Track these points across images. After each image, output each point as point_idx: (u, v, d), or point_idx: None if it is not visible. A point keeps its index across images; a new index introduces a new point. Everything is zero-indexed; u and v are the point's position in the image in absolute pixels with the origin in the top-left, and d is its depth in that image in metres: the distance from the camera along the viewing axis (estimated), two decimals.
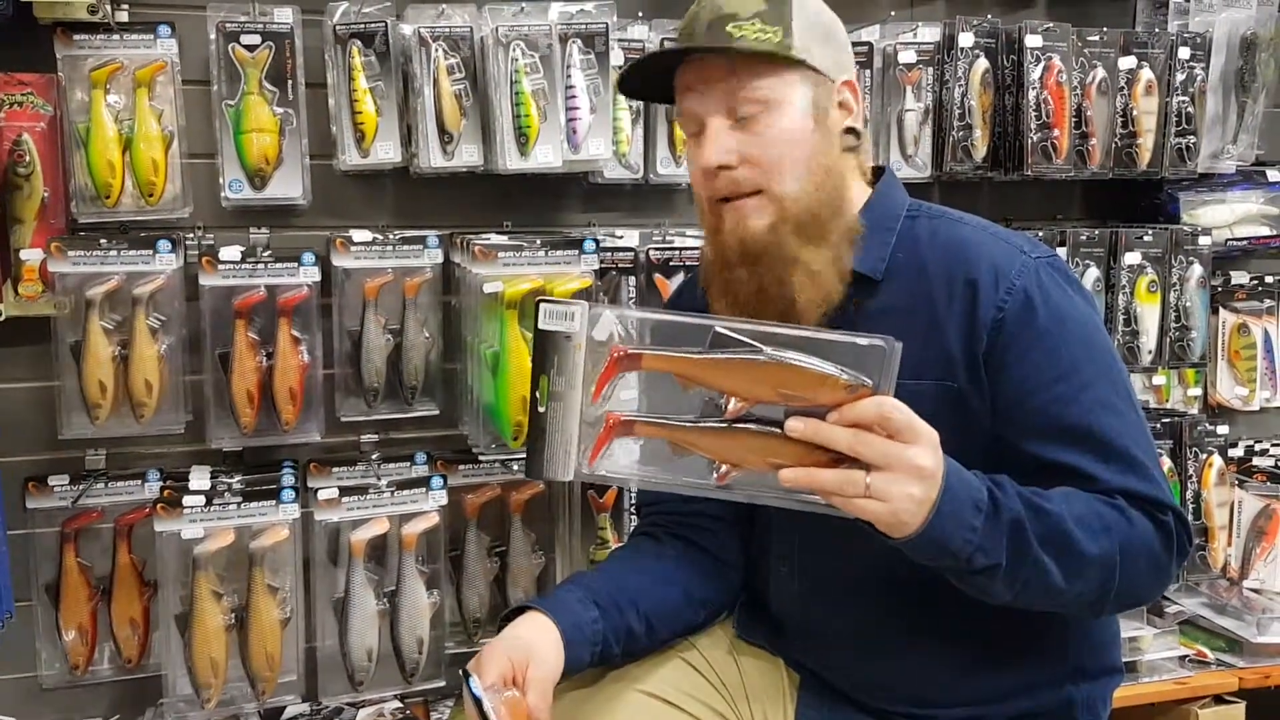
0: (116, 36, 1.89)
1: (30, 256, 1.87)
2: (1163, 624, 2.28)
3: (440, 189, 2.09)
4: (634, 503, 2.07)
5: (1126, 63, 2.38)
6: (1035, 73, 2.28)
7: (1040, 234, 2.34)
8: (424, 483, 1.96)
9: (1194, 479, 2.43)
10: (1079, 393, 1.30)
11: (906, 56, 2.27)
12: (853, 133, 1.39)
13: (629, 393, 1.21)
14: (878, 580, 1.35)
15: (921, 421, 1.12)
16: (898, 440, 1.11)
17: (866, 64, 2.21)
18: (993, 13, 2.38)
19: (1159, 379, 2.54)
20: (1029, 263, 1.34)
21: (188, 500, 1.83)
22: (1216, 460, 2.45)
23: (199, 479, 1.92)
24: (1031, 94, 2.28)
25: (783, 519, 1.42)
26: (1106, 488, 1.27)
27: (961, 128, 2.28)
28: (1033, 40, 2.28)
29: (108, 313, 1.88)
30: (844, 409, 1.10)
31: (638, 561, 1.50)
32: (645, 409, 1.20)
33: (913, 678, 1.40)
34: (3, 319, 1.88)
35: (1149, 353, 2.42)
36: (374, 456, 2.07)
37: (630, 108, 2.10)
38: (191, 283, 1.91)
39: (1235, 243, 2.55)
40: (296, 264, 1.92)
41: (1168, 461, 2.38)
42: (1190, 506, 2.43)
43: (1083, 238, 2.38)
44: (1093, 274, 2.37)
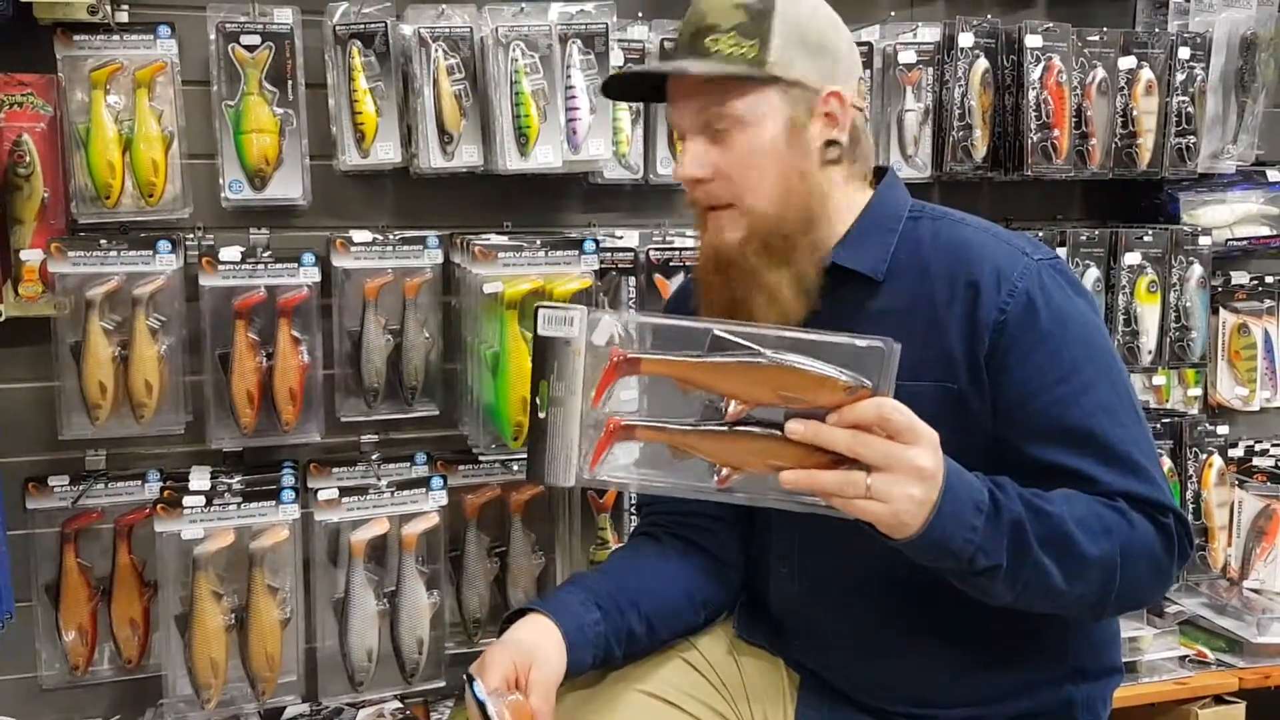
0: (116, 37, 1.89)
1: (30, 257, 1.87)
2: (1163, 624, 2.28)
3: (440, 189, 2.09)
4: (634, 503, 2.07)
5: (1126, 63, 2.38)
6: (1035, 73, 2.28)
7: (1040, 234, 2.34)
8: (424, 483, 1.96)
9: (1194, 479, 2.43)
10: (1080, 395, 1.29)
11: (906, 57, 2.27)
12: (835, 145, 1.36)
13: (629, 392, 1.21)
14: (878, 580, 1.35)
15: (921, 422, 1.12)
16: (898, 441, 1.11)
17: (867, 64, 2.21)
18: (993, 13, 2.38)
19: (1159, 379, 2.54)
20: (1031, 265, 1.34)
21: (188, 501, 1.83)
22: (1216, 460, 2.45)
23: (199, 479, 1.92)
24: (1031, 94, 2.28)
25: (782, 519, 1.42)
26: (1107, 490, 1.27)
27: (961, 128, 2.28)
28: (1033, 40, 2.28)
29: (108, 313, 1.88)
30: (843, 410, 1.10)
31: (638, 562, 1.50)
32: (645, 412, 1.20)
33: (913, 678, 1.40)
34: (3, 319, 1.88)
35: (1149, 353, 2.41)
36: (374, 457, 2.07)
37: (630, 108, 2.10)
38: (191, 283, 1.91)
39: (1235, 243, 2.55)
40: (296, 264, 1.92)
41: (1168, 462, 2.38)
42: (1190, 507, 2.43)
43: (1083, 238, 2.38)
44: (1093, 274, 2.37)
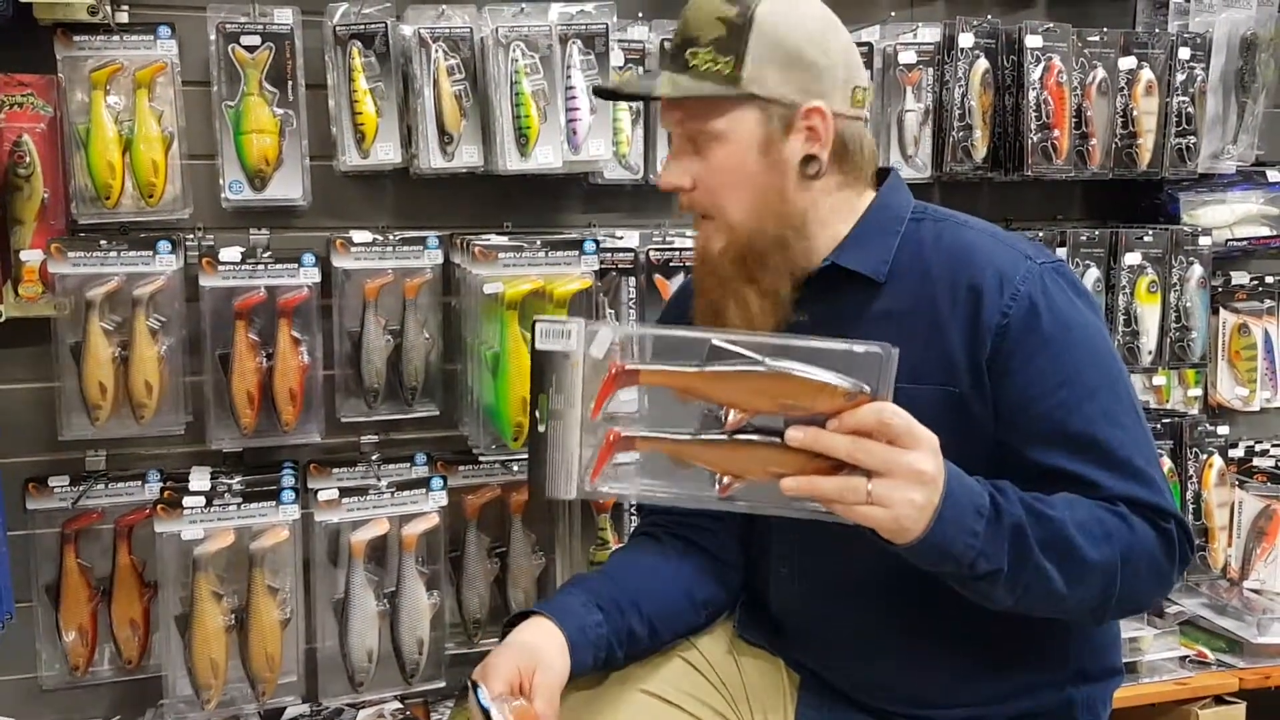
0: (116, 37, 1.89)
1: (30, 257, 1.87)
2: (1163, 624, 2.28)
3: (440, 190, 2.09)
4: (634, 503, 2.07)
5: (1126, 63, 2.38)
6: (1035, 73, 2.28)
7: (1040, 234, 2.35)
8: (424, 484, 1.96)
9: (1194, 479, 2.44)
10: (1082, 400, 1.29)
11: (907, 57, 2.27)
12: (814, 160, 1.34)
13: (628, 393, 1.21)
14: (878, 581, 1.35)
15: (921, 426, 1.12)
16: (898, 446, 1.11)
17: (867, 64, 2.20)
18: (993, 13, 2.38)
19: (1159, 379, 2.54)
20: (1034, 268, 1.33)
21: (188, 501, 1.83)
22: (1217, 461, 2.45)
23: (199, 480, 1.92)
24: (1031, 94, 2.28)
25: (783, 520, 1.42)
26: (1109, 495, 1.26)
27: (961, 128, 2.28)
28: (1033, 40, 2.28)
29: (108, 314, 1.88)
30: (843, 416, 1.10)
31: (639, 563, 1.50)
32: (644, 421, 1.20)
33: (912, 678, 1.40)
34: (3, 320, 1.88)
35: (1149, 353, 2.41)
36: (374, 457, 2.07)
37: (630, 109, 2.10)
38: (192, 284, 1.91)
39: (1235, 243, 2.55)
40: (296, 265, 1.92)
41: (1168, 462, 2.38)
42: (1190, 507, 2.43)
43: (1083, 238, 2.38)
44: (1093, 274, 2.37)
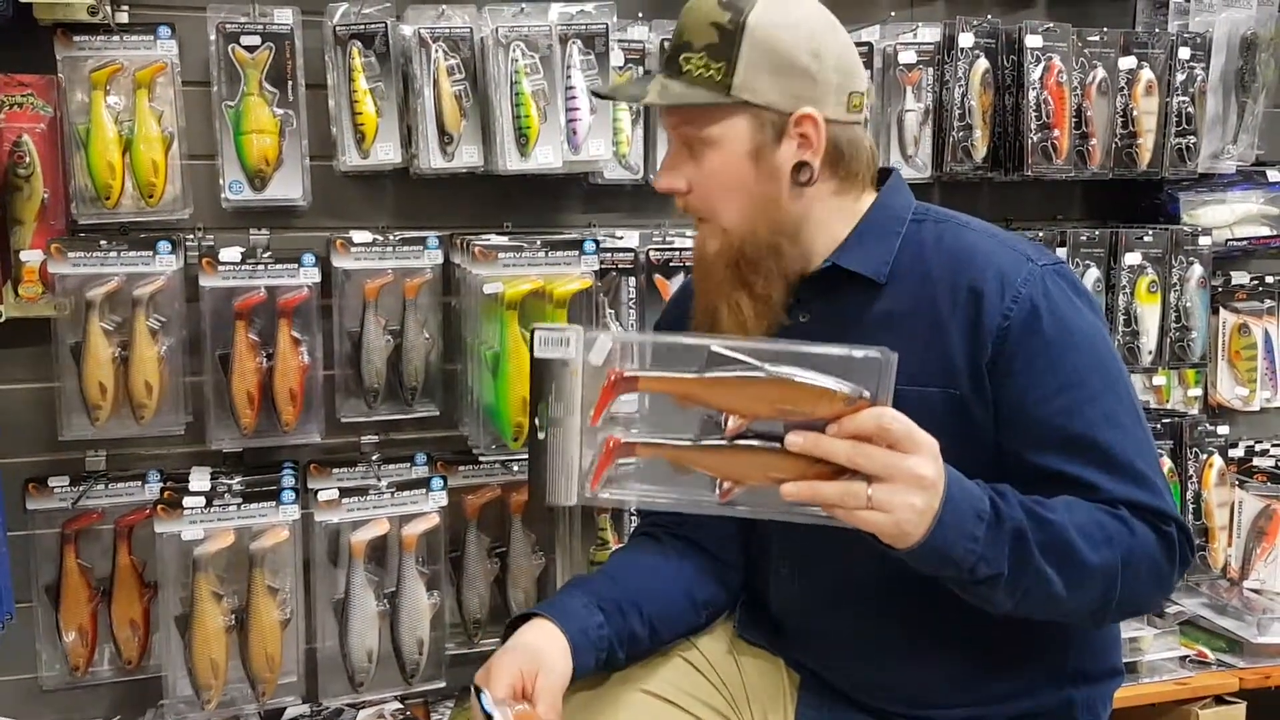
0: (116, 38, 1.89)
1: (30, 258, 1.87)
2: (1163, 624, 2.28)
3: (440, 190, 2.09)
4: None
5: (1126, 63, 2.37)
6: (1035, 73, 2.28)
7: (1040, 234, 2.35)
8: (424, 484, 1.96)
9: (1194, 479, 2.44)
10: (1083, 403, 1.29)
11: (906, 57, 2.27)
12: (806, 167, 1.34)
13: (629, 396, 1.21)
14: (878, 582, 1.35)
15: (921, 431, 1.12)
16: (898, 451, 1.11)
17: (867, 64, 2.20)
18: (993, 13, 2.38)
19: (1159, 379, 2.54)
20: (1035, 271, 1.33)
21: (188, 501, 1.83)
22: (1217, 460, 2.45)
23: (199, 480, 1.92)
24: (1032, 94, 2.28)
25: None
26: (1110, 498, 1.26)
27: (961, 128, 2.28)
28: (1033, 40, 2.28)
29: (108, 314, 1.88)
30: (843, 421, 1.10)
31: (640, 563, 1.50)
32: (644, 427, 1.21)
33: (913, 679, 1.40)
34: (3, 320, 1.88)
35: (1149, 353, 2.41)
36: (374, 457, 2.06)
37: (630, 109, 2.10)
38: (192, 284, 1.90)
39: (1235, 243, 2.55)
40: (296, 265, 1.92)
41: (1168, 462, 2.38)
42: (1190, 507, 2.43)
43: (1083, 238, 2.37)
44: (1093, 274, 2.37)
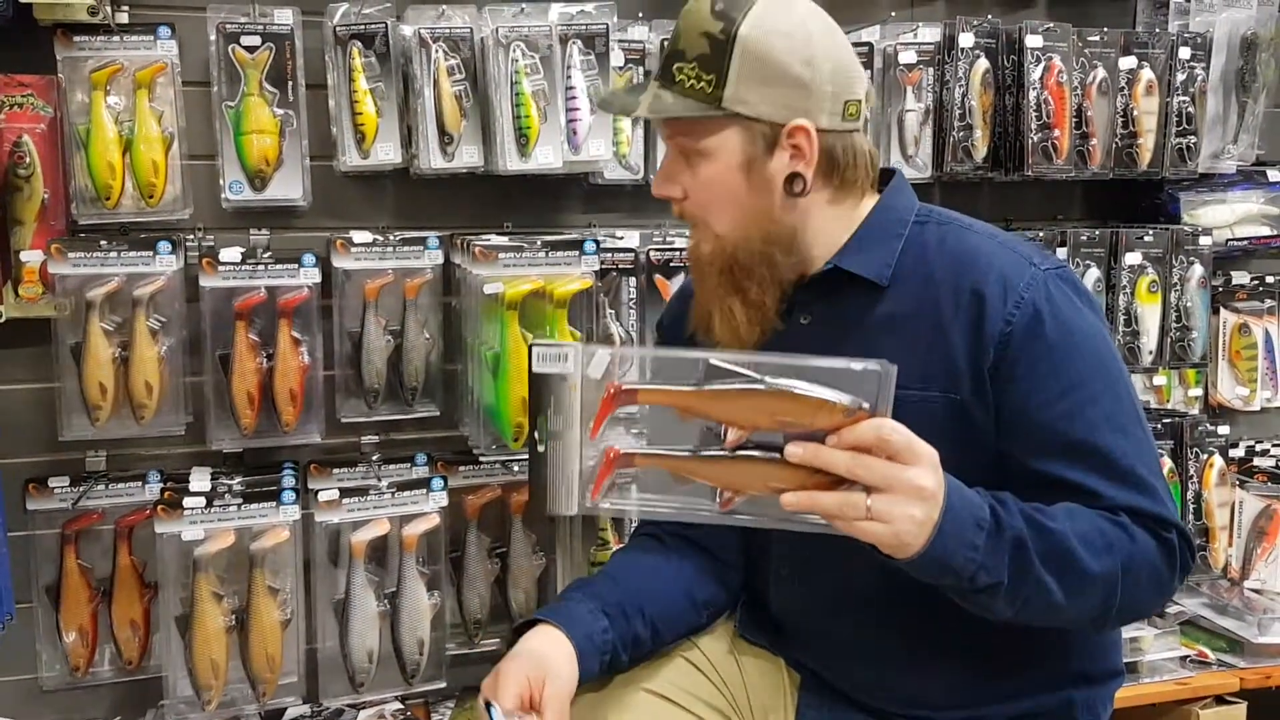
0: (117, 38, 1.89)
1: (30, 258, 1.87)
2: (1164, 624, 2.27)
3: (440, 190, 2.09)
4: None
5: (1127, 63, 2.37)
6: (1036, 73, 2.28)
7: (1041, 234, 2.35)
8: (424, 484, 1.96)
9: (1195, 479, 2.43)
10: (1085, 409, 1.28)
11: (907, 57, 2.27)
12: (800, 178, 1.33)
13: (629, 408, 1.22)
14: (878, 583, 1.34)
15: (921, 442, 1.12)
16: (897, 462, 1.11)
17: (867, 64, 2.20)
18: (993, 13, 2.38)
19: (1160, 379, 2.54)
20: (1038, 275, 1.32)
21: (188, 502, 1.83)
22: (1217, 460, 2.45)
23: (199, 480, 1.92)
24: (1032, 94, 2.28)
25: None
26: (1111, 505, 1.26)
27: (962, 128, 2.28)
28: (1033, 40, 2.28)
29: (108, 314, 1.88)
30: (843, 433, 1.10)
31: (641, 564, 1.50)
32: (644, 438, 1.21)
33: (913, 679, 1.40)
34: (3, 321, 1.88)
35: (1150, 353, 2.41)
36: (374, 458, 2.06)
37: None
38: (192, 284, 1.91)
39: (1236, 243, 2.55)
40: (297, 265, 1.92)
41: (1168, 462, 2.38)
42: (1191, 507, 2.43)
43: (1083, 238, 2.38)
44: (1093, 274, 2.37)
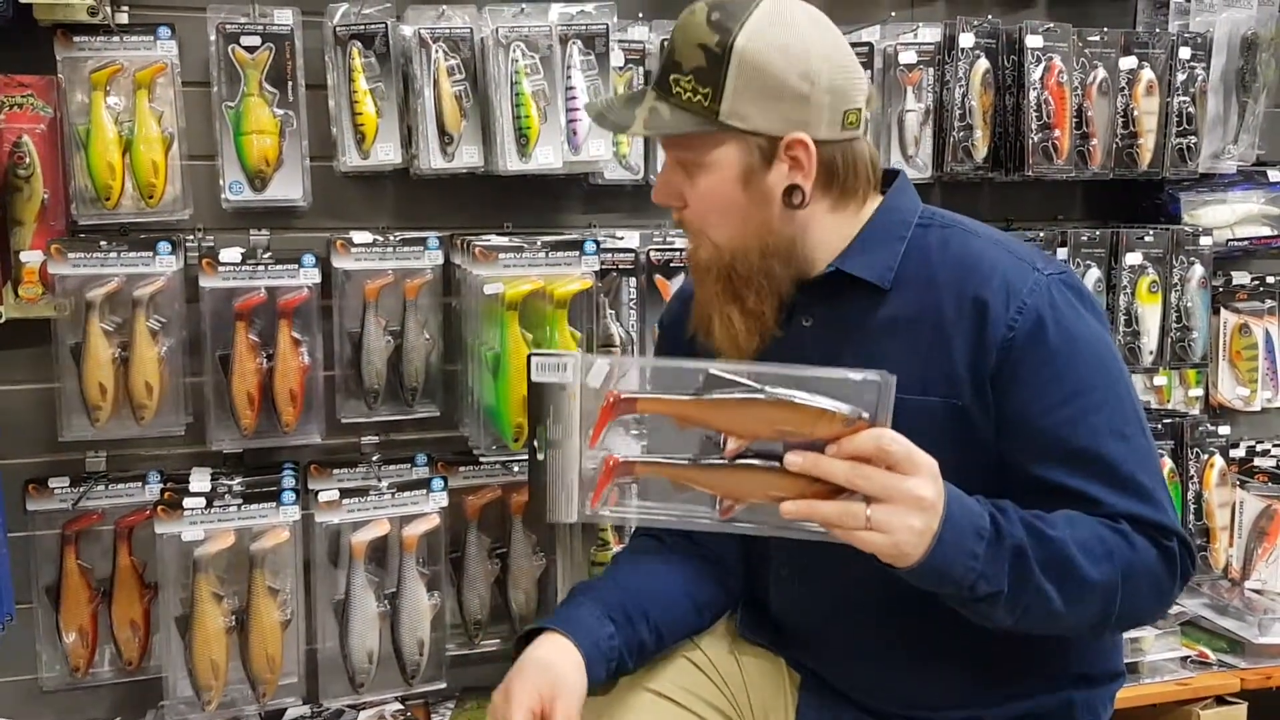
0: (116, 38, 1.89)
1: (30, 258, 1.87)
2: (1164, 625, 2.27)
3: (440, 190, 2.09)
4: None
5: (1127, 63, 2.37)
6: (1036, 73, 2.28)
7: (1041, 235, 2.35)
8: (425, 484, 1.96)
9: (1195, 480, 2.43)
10: (1087, 415, 1.27)
11: (907, 57, 2.26)
12: (798, 190, 1.32)
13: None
14: (879, 584, 1.33)
15: (921, 452, 1.12)
16: (897, 472, 1.11)
17: (867, 64, 2.20)
18: (993, 13, 2.38)
19: (1160, 379, 2.53)
20: (1041, 280, 1.32)
21: (188, 502, 1.83)
22: (1218, 461, 2.45)
23: (199, 481, 1.92)
24: (1032, 94, 2.28)
25: None
26: (1111, 512, 1.25)
27: (962, 128, 2.27)
28: (1033, 40, 2.28)
29: (108, 315, 1.88)
30: (842, 442, 1.10)
31: (643, 568, 1.50)
32: (644, 446, 1.22)
33: (912, 680, 1.40)
34: (3, 321, 1.88)
35: (1150, 353, 2.41)
36: (374, 458, 2.06)
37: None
38: (192, 284, 1.90)
39: (1236, 243, 2.55)
40: (297, 265, 1.92)
41: (1169, 462, 2.38)
42: (1192, 507, 2.43)
43: (1084, 238, 2.37)
44: (1094, 274, 2.37)
